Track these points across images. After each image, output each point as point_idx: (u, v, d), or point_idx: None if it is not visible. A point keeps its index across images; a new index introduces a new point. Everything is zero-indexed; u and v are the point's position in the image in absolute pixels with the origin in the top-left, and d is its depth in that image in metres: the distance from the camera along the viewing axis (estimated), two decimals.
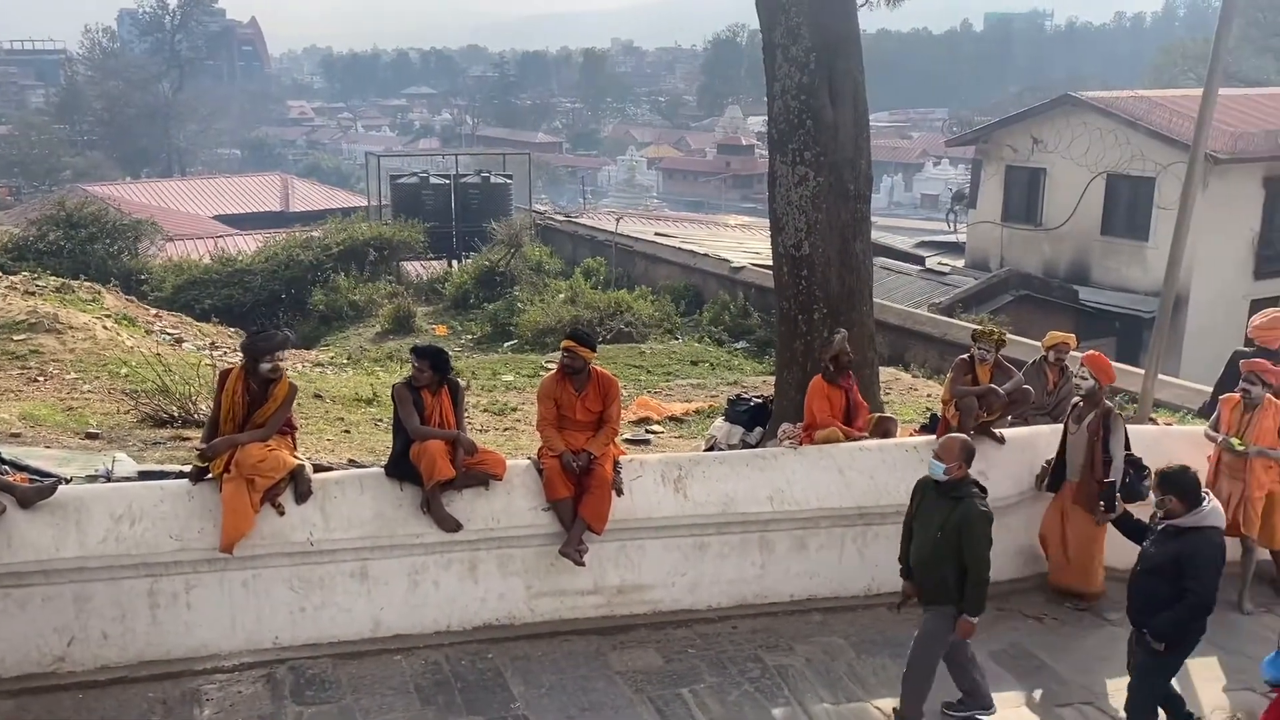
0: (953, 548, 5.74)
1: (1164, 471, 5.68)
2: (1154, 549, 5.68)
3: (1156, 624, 5.55)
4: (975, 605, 5.83)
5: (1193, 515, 5.48)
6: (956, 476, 5.80)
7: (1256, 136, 21.91)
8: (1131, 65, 79.12)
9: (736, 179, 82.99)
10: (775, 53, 8.79)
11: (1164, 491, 5.57)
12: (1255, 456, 7.37)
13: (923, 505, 6.02)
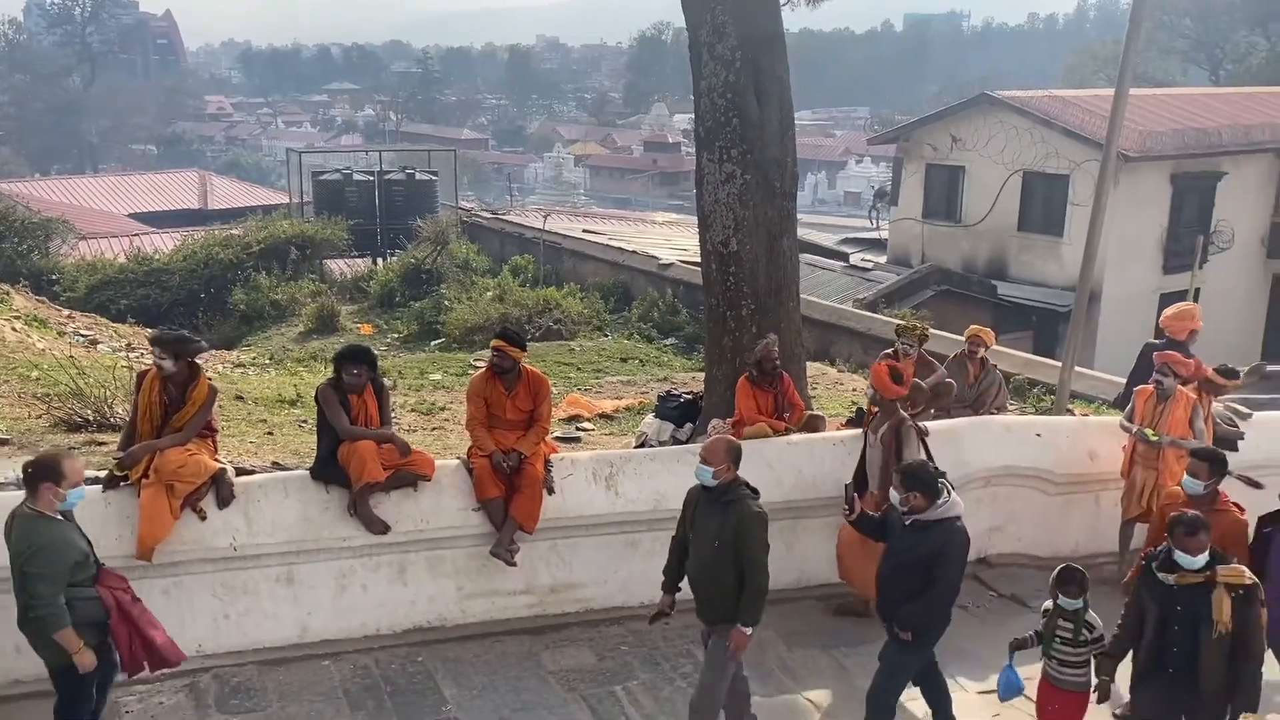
0: (733, 557, 5.39)
1: (904, 468, 5.73)
2: (903, 545, 5.64)
3: (904, 614, 5.58)
4: (752, 615, 5.46)
5: (938, 508, 5.51)
6: (726, 479, 5.46)
7: (1164, 135, 22.66)
8: (1045, 65, 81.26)
9: (663, 176, 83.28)
10: (701, 51, 8.82)
11: (907, 488, 5.54)
12: (1168, 446, 7.60)
13: (696, 517, 5.61)
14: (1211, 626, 5.01)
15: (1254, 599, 5.07)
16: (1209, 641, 5.03)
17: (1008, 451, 8.21)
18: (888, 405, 7.04)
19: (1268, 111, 26.16)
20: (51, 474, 4.99)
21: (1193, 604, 5.10)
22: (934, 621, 5.68)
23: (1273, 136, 24.38)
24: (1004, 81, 34.49)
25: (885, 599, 5.76)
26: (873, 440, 7.08)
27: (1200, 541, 5.09)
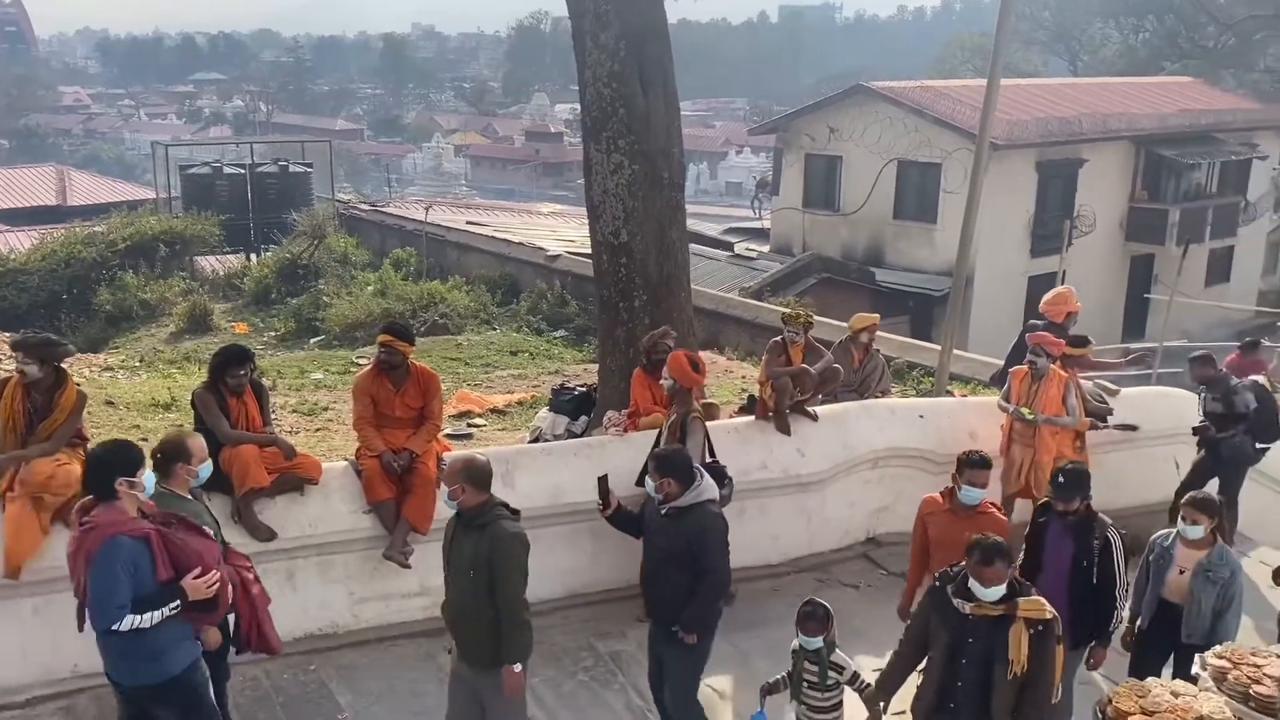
0: (490, 588, 4.80)
1: (656, 454, 5.53)
2: (662, 539, 5.43)
3: (686, 618, 5.35)
4: (516, 650, 4.83)
5: (691, 493, 5.35)
6: (469, 503, 4.82)
7: (1029, 124, 23.62)
8: (915, 57, 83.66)
9: (547, 167, 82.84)
10: (585, 40, 8.77)
11: (661, 474, 5.33)
12: (1043, 424, 7.90)
13: (452, 545, 4.96)
14: (1006, 665, 4.57)
15: (1051, 633, 4.65)
16: (1003, 681, 4.58)
17: (892, 433, 8.43)
18: (682, 394, 7.01)
19: (1123, 101, 27.53)
20: (182, 454, 5.06)
21: (989, 638, 4.62)
22: (714, 616, 5.50)
23: (1129, 125, 25.67)
24: (877, 73, 35.41)
25: (655, 599, 5.52)
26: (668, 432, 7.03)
27: (997, 571, 4.61)
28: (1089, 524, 5.57)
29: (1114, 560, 5.53)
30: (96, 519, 4.54)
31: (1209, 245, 26.58)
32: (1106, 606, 5.59)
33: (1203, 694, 5.07)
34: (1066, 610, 5.33)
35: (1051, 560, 5.62)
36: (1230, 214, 27.45)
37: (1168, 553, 5.83)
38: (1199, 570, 5.66)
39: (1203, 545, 5.72)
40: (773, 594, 7.62)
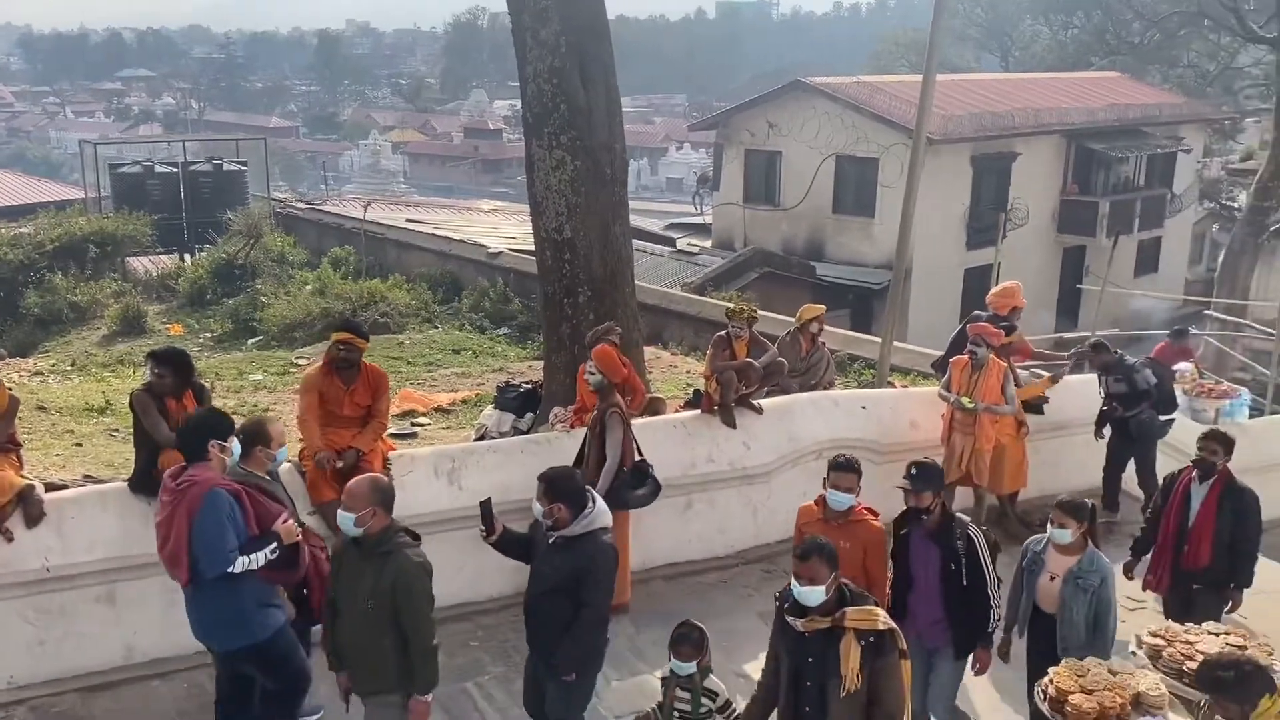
0: (390, 617, 4.60)
1: (548, 476, 5.06)
2: (548, 568, 5.06)
3: (562, 656, 5.03)
4: (426, 679, 4.72)
5: (582, 520, 4.98)
6: (375, 528, 4.67)
7: (964, 119, 24.01)
8: (851, 53, 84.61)
9: (486, 163, 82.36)
10: (525, 36, 8.74)
11: (551, 499, 4.95)
12: (983, 412, 8.08)
13: (343, 573, 4.77)
14: (839, 682, 4.29)
15: (887, 647, 4.34)
16: (837, 701, 4.31)
17: (836, 424, 8.54)
18: (606, 390, 6.92)
19: (1054, 96, 28.11)
20: (261, 438, 5.35)
21: (822, 654, 4.36)
22: (594, 654, 5.17)
23: (1059, 119, 26.24)
24: (814, 69, 35.72)
25: (536, 629, 5.17)
26: None
27: (811, 567, 4.33)
28: (949, 527, 5.35)
29: (980, 559, 5.32)
30: (193, 476, 4.97)
31: (1138, 236, 27.27)
32: (980, 607, 5.37)
33: (1139, 671, 5.23)
34: (945, 620, 5.35)
35: (920, 570, 5.40)
36: (1158, 206, 28.19)
37: (1039, 558, 5.60)
38: (1069, 577, 5.41)
39: (1073, 551, 5.46)
40: (720, 587, 7.70)
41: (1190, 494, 6.33)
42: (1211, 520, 6.22)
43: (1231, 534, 6.22)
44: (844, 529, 5.40)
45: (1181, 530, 6.35)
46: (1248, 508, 6.23)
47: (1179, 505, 6.36)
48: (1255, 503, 6.26)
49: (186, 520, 4.90)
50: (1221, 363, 18.39)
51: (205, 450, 5.06)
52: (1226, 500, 6.23)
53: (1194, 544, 6.27)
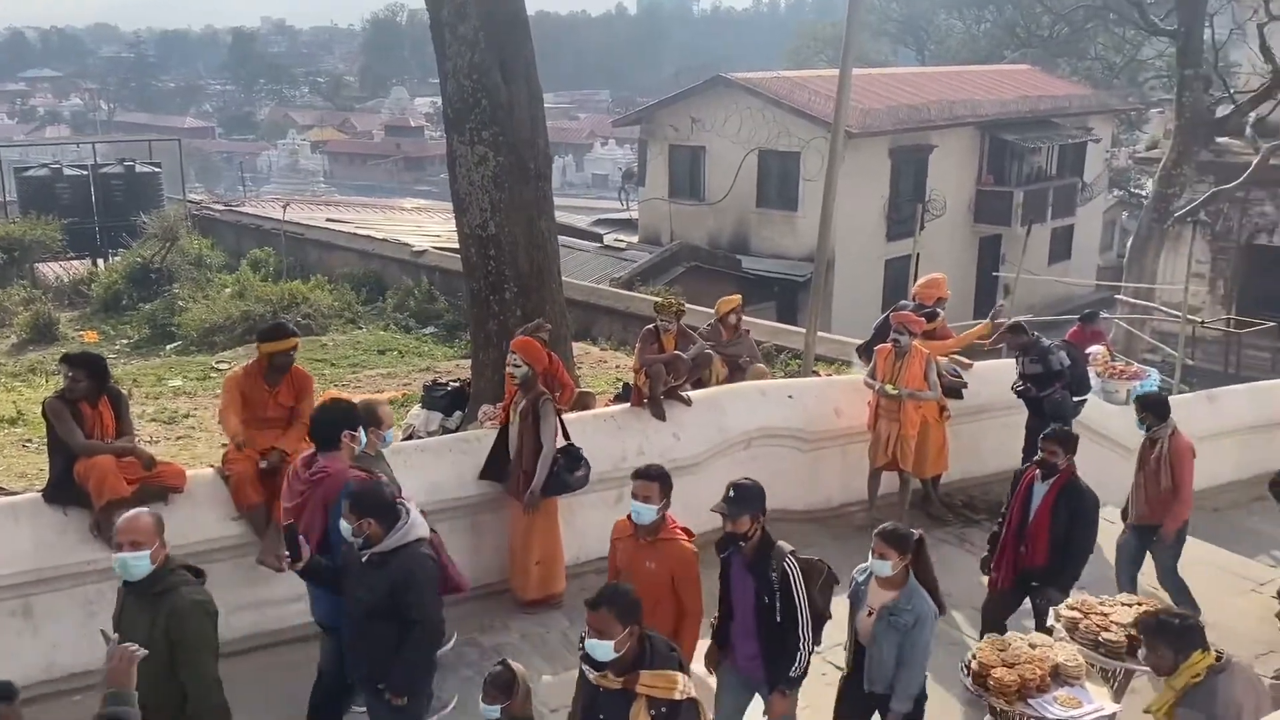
0: (171, 666, 4.17)
1: (352, 492, 4.74)
2: (363, 589, 4.71)
3: (394, 679, 4.73)
4: None
5: (396, 534, 4.69)
6: (156, 559, 4.27)
7: (881, 113, 24.42)
8: (771, 47, 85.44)
9: (408, 161, 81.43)
10: (444, 31, 8.68)
11: (358, 515, 4.62)
12: (907, 399, 8.25)
13: (123, 619, 4.30)
14: None
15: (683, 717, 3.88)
16: None
17: (764, 414, 8.65)
18: (530, 380, 6.90)
19: (968, 89, 28.74)
20: (373, 420, 5.66)
21: (613, 715, 3.94)
22: (426, 673, 4.87)
23: (973, 111, 26.83)
24: (736, 64, 36.07)
25: (360, 658, 4.83)
26: (514, 419, 6.98)
27: (600, 618, 3.88)
28: (766, 556, 4.86)
29: (794, 593, 4.82)
30: (327, 467, 5.25)
31: (1051, 225, 28.02)
32: (789, 647, 4.83)
33: (1058, 644, 5.41)
34: (761, 657, 4.93)
35: (738, 601, 4.97)
36: (1069, 195, 29.00)
37: (861, 590, 5.11)
38: (884, 613, 4.91)
39: (894, 585, 4.93)
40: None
41: (1033, 492, 6.21)
42: (1048, 519, 6.07)
43: (1066, 534, 6.04)
44: (652, 548, 5.01)
45: (1022, 528, 6.21)
46: (1084, 509, 6.06)
47: (1021, 503, 6.23)
48: (1093, 505, 6.10)
49: (323, 509, 5.18)
50: (1131, 345, 19.04)
51: (338, 440, 5.32)
52: (1064, 500, 6.06)
53: (1031, 542, 6.13)
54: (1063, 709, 4.98)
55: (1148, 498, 7.09)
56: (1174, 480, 6.97)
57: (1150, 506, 7.07)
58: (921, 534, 4.95)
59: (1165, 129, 23.20)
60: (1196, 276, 20.01)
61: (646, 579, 4.82)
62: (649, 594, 4.55)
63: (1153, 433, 7.07)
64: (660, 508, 4.99)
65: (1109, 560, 7.43)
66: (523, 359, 6.92)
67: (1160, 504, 7.04)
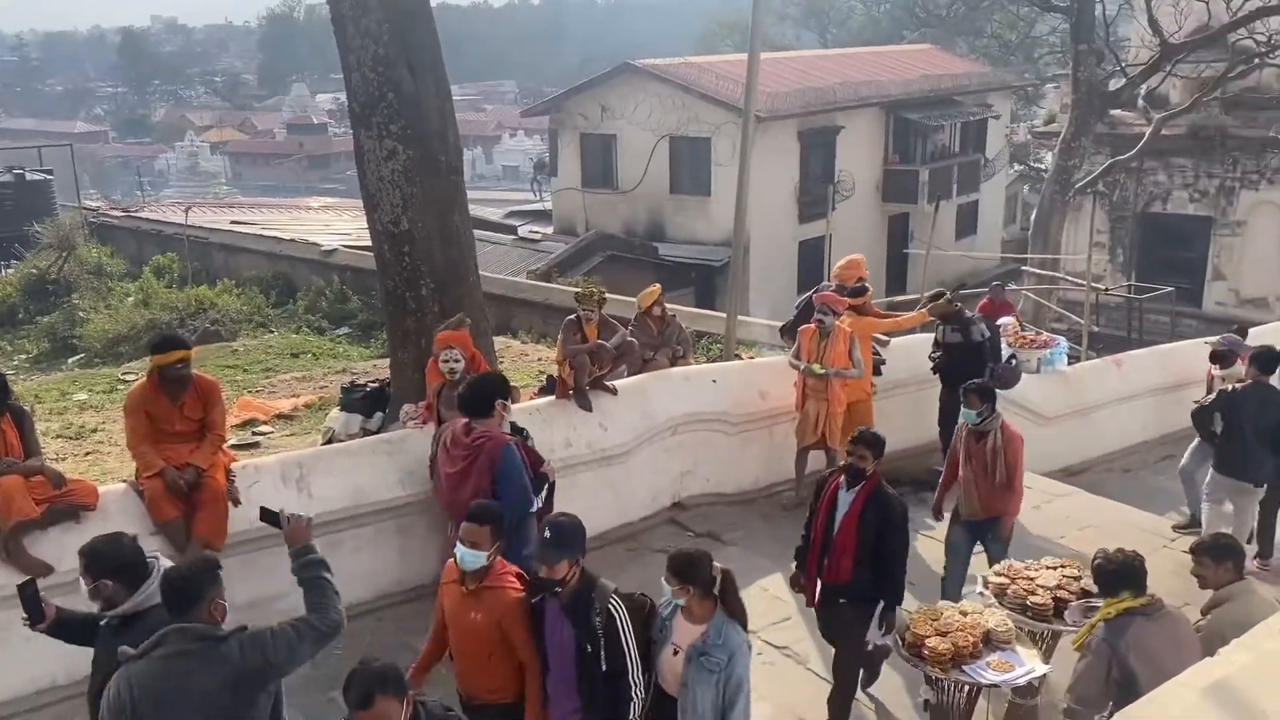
0: None
1: (87, 550, 4.02)
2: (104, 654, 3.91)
3: None
4: None
5: (140, 594, 3.93)
6: None
7: (788, 95, 24.64)
8: (678, 33, 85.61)
9: (313, 159, 79.79)
10: (346, 24, 8.46)
11: (94, 576, 3.95)
12: (834, 378, 8.34)
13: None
14: None
15: None
16: None
17: (689, 399, 8.67)
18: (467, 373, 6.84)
19: (871, 70, 29.16)
20: (505, 393, 6.04)
21: None
22: None
23: (878, 92, 27.24)
24: (643, 50, 35.95)
25: None
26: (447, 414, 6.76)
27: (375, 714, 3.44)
28: (586, 599, 4.30)
29: (621, 638, 4.30)
30: (486, 433, 5.78)
31: (956, 201, 28.63)
32: (620, 696, 4.32)
33: (987, 610, 5.53)
34: (583, 713, 4.36)
35: (555, 652, 4.37)
36: (973, 171, 29.67)
37: (666, 625, 4.48)
38: (693, 653, 4.33)
39: (700, 619, 4.36)
40: None
41: (837, 500, 5.61)
42: (854, 530, 5.47)
43: (875, 546, 5.45)
44: (476, 597, 4.41)
45: (828, 539, 5.59)
46: (893, 518, 5.48)
47: (825, 512, 5.63)
48: (902, 512, 5.54)
49: (488, 471, 5.70)
50: (1039, 314, 19.58)
51: (492, 408, 5.82)
52: (872, 509, 5.47)
53: (835, 555, 5.52)
54: (996, 673, 5.09)
55: (981, 494, 6.57)
56: (1008, 471, 6.48)
57: (984, 502, 6.57)
58: (724, 570, 4.33)
59: (1062, 103, 23.86)
60: (1098, 246, 20.66)
61: (472, 632, 4.38)
62: (477, 649, 4.36)
63: (983, 424, 6.51)
64: (490, 554, 4.40)
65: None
66: (461, 352, 6.93)
67: (997, 498, 6.55)
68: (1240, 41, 19.92)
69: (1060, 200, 20.85)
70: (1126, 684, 4.14)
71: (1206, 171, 22.16)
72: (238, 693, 3.64)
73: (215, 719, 3.61)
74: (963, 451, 6.65)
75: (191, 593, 3.74)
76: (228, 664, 3.62)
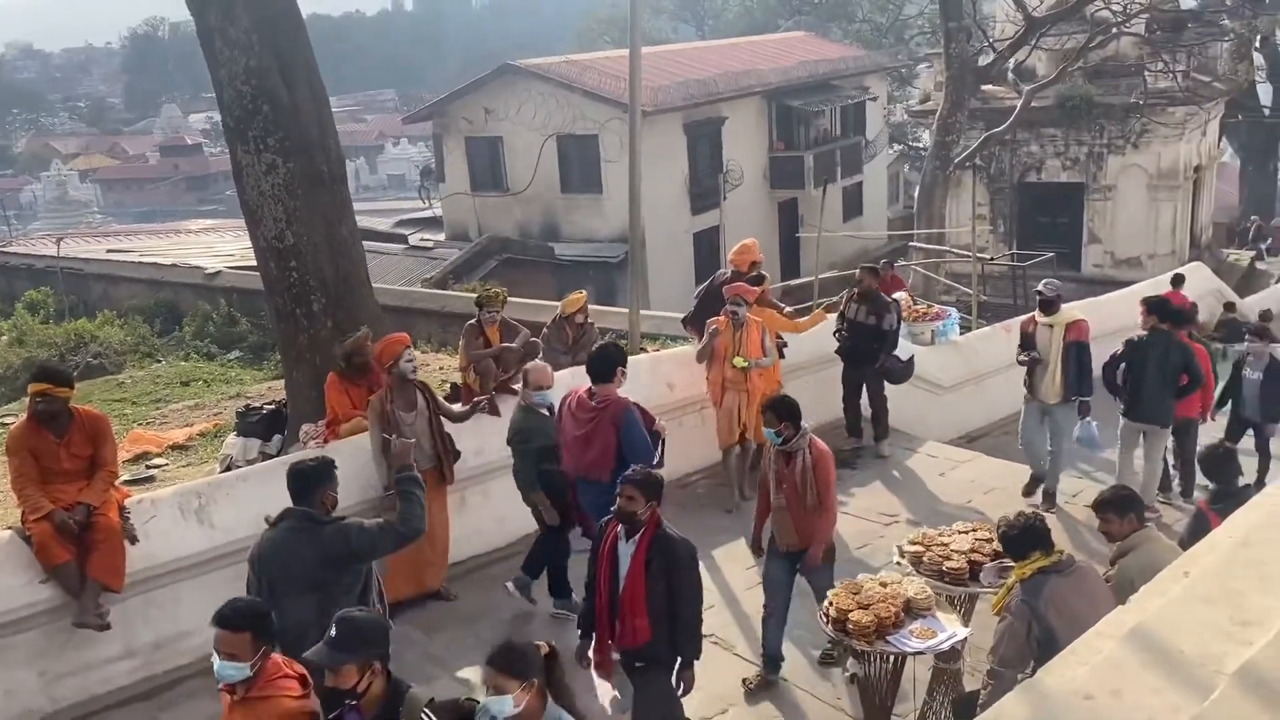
0: None
1: None
2: None
3: None
4: None
5: None
6: None
7: (672, 89, 24.75)
8: (556, 32, 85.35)
9: (190, 181, 77.32)
10: (214, 37, 8.17)
11: None
12: (754, 369, 8.35)
13: None
14: None
15: None
16: None
17: None
18: None
19: (750, 59, 29.51)
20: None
21: None
22: None
23: (758, 81, 27.57)
24: (523, 51, 35.70)
25: None
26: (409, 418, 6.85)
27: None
28: (393, 712, 3.65)
29: None
30: (609, 397, 6.45)
31: (842, 184, 29.17)
32: None
33: (906, 579, 5.61)
34: None
35: None
36: (855, 153, 30.28)
37: None
38: None
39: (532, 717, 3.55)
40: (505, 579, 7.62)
41: (618, 554, 4.91)
42: (642, 584, 4.81)
43: (667, 598, 4.82)
44: (246, 708, 3.80)
45: (614, 599, 4.92)
46: (680, 562, 4.84)
47: (607, 570, 4.93)
48: (690, 555, 4.89)
49: (614, 430, 6.29)
50: (929, 288, 20.08)
51: (613, 374, 6.48)
52: (657, 557, 4.80)
53: (626, 616, 4.86)
54: (920, 641, 5.17)
55: (796, 520, 5.85)
56: (820, 491, 5.76)
57: (801, 531, 5.85)
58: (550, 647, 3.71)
59: (935, 81, 24.50)
60: (980, 218, 21.33)
61: None
62: None
63: (790, 444, 5.78)
64: (254, 662, 3.75)
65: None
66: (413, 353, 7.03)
67: (814, 523, 5.83)
68: (1098, 12, 20.74)
69: (941, 176, 21.41)
70: (1047, 641, 4.24)
71: (1075, 140, 23.02)
72: (325, 566, 4.62)
73: (307, 582, 4.58)
74: (772, 477, 5.94)
75: (310, 485, 4.79)
76: (320, 544, 4.62)
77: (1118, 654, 3.09)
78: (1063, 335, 8.25)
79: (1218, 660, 2.96)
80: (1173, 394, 8.26)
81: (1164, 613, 3.28)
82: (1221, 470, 6.12)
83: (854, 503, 8.66)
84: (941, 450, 9.88)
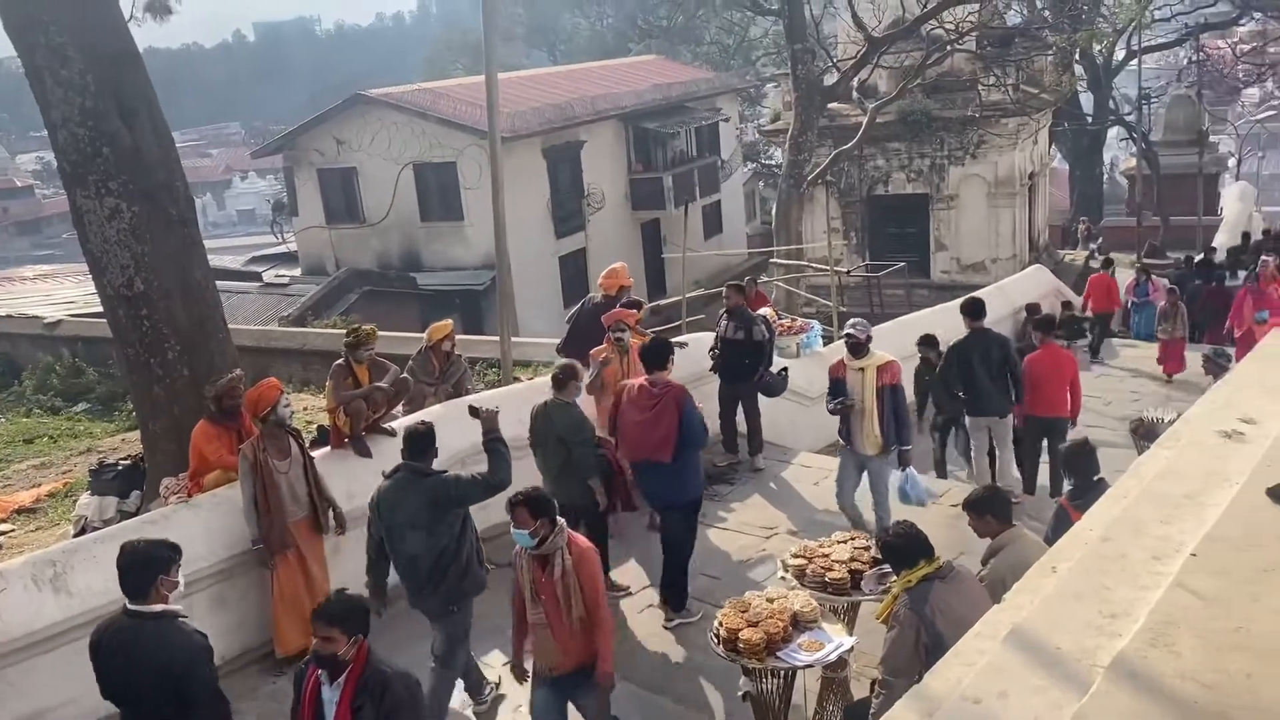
0: None
1: None
2: None
3: None
4: None
5: None
6: None
7: (529, 114, 24.77)
8: (404, 60, 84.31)
9: (21, 226, 73.10)
10: (44, 77, 7.77)
11: None
12: None
13: None
14: None
15: None
16: None
17: (475, 431, 8.42)
18: None
19: (605, 84, 29.82)
20: (576, 375, 7.26)
21: None
22: None
23: (614, 104, 27.86)
24: (372, 80, 35.12)
25: None
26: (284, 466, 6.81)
27: None
28: None
29: None
30: (668, 382, 7.00)
31: (701, 203, 29.70)
32: None
33: (791, 593, 5.71)
34: None
35: None
36: (712, 173, 30.87)
37: None
38: None
39: None
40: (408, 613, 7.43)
41: (321, 704, 4.24)
42: None
43: None
44: None
45: None
46: (398, 704, 4.17)
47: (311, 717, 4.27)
48: (410, 694, 4.25)
49: (676, 412, 6.79)
50: (791, 302, 20.57)
51: (668, 362, 7.06)
52: (366, 704, 4.14)
53: None
54: (809, 654, 5.26)
55: (560, 638, 5.00)
56: (589, 599, 4.94)
57: (567, 650, 5.02)
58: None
59: (784, 101, 25.16)
60: (834, 231, 21.98)
61: None
62: None
63: (543, 548, 4.94)
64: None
65: None
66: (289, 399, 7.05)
67: (585, 639, 4.99)
68: (933, 31, 21.70)
69: (795, 193, 21.97)
70: (935, 647, 4.36)
71: (919, 153, 23.98)
72: (431, 511, 5.73)
73: (417, 522, 5.73)
74: (527, 588, 5.05)
75: (420, 445, 5.92)
76: (425, 492, 5.74)
77: (1000, 656, 3.21)
78: (875, 379, 7.64)
79: (1092, 654, 3.11)
80: (1003, 385, 8.76)
81: (1039, 611, 3.43)
82: (1081, 467, 6.43)
83: (734, 517, 8.77)
84: (814, 460, 10.11)
